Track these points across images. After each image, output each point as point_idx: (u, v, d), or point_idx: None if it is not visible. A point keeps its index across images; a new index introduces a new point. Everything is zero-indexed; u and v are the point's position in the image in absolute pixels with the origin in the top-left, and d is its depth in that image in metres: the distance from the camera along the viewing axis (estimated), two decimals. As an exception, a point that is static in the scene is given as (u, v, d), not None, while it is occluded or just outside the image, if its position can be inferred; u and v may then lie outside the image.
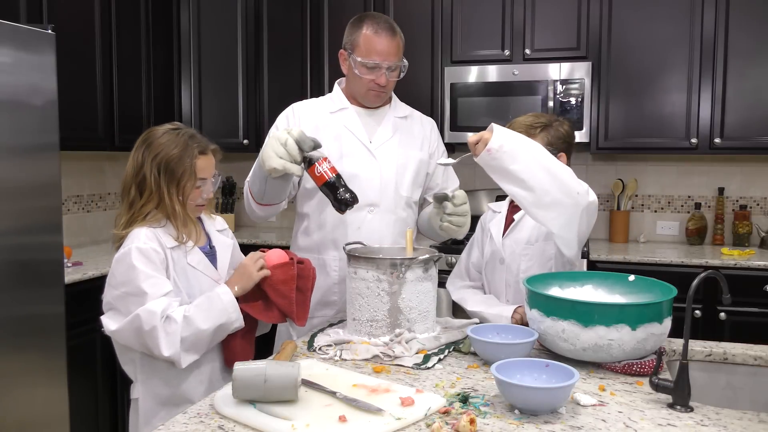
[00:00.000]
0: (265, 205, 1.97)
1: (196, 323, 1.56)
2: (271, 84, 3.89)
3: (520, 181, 1.63)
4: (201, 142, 1.70)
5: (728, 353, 1.64)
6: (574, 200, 1.66)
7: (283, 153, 1.71)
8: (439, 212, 1.90)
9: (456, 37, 3.57)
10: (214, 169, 1.73)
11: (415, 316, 1.65)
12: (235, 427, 1.19)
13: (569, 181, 1.66)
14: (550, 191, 1.63)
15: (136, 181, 1.66)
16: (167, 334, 1.53)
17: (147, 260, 1.58)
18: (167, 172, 1.64)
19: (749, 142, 3.21)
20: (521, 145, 1.63)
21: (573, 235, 1.76)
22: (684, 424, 1.19)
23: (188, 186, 1.66)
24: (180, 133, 1.69)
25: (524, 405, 1.22)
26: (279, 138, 1.72)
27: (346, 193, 1.73)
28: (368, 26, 1.97)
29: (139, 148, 1.68)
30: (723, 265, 2.99)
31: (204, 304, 1.59)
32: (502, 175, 1.65)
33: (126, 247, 1.60)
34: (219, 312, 1.59)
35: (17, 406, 2.25)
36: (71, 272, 2.67)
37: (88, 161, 3.45)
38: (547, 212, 1.68)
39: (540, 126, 1.90)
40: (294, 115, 2.08)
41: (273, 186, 1.87)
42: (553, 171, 1.63)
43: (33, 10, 2.79)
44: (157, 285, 1.56)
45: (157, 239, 1.62)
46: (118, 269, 1.60)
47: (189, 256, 1.67)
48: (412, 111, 2.19)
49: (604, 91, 3.38)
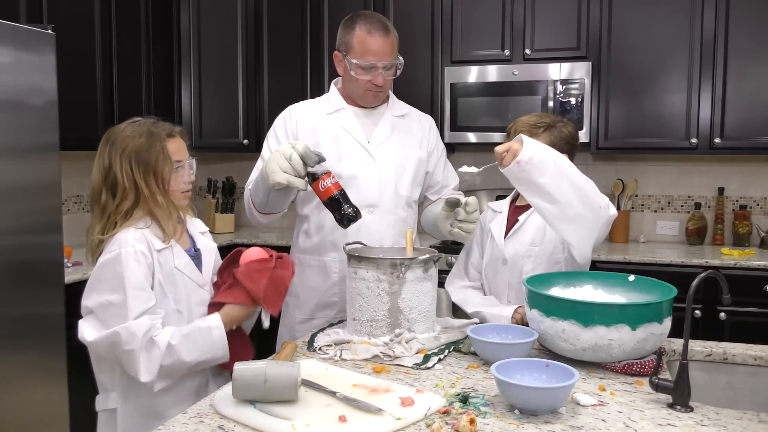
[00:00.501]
0: (268, 214, 1.97)
1: (179, 354, 1.50)
2: (271, 84, 3.89)
3: (546, 193, 1.62)
4: (165, 127, 1.64)
5: (728, 353, 1.64)
6: (596, 214, 1.67)
7: (288, 168, 1.70)
8: (449, 216, 1.87)
9: (456, 37, 3.57)
10: (186, 153, 1.67)
11: (415, 316, 1.65)
12: (235, 427, 1.18)
13: (592, 195, 1.66)
14: (574, 204, 1.63)
15: (107, 184, 1.59)
16: (148, 360, 1.47)
17: (136, 266, 1.51)
18: (140, 163, 1.57)
19: (749, 142, 3.21)
20: (550, 158, 1.61)
21: (590, 246, 1.78)
22: (684, 424, 1.19)
23: (166, 171, 1.59)
24: (141, 123, 1.63)
25: (524, 405, 1.22)
26: (283, 152, 1.71)
27: (349, 208, 1.73)
28: (361, 26, 1.96)
29: (103, 150, 1.61)
30: (723, 265, 2.99)
31: (193, 335, 1.53)
32: (529, 187, 1.64)
33: (114, 251, 1.52)
34: (207, 347, 1.53)
35: (17, 406, 2.25)
36: (71, 272, 2.66)
37: (88, 161, 3.42)
38: (570, 225, 1.69)
39: (543, 126, 1.89)
40: (291, 118, 2.07)
41: (276, 197, 1.87)
42: (578, 184, 1.63)
43: (33, 10, 2.79)
44: (141, 298, 1.50)
45: (146, 241, 1.55)
46: (104, 274, 1.52)
47: (176, 259, 1.61)
48: (411, 109, 2.18)
49: (604, 91, 3.37)
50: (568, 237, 1.74)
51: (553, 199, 1.62)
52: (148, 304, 1.51)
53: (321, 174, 1.72)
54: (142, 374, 1.48)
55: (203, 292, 1.66)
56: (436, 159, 2.17)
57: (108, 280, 1.51)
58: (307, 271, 2.09)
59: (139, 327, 1.47)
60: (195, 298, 1.63)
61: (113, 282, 1.50)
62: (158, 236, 1.60)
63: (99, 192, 1.60)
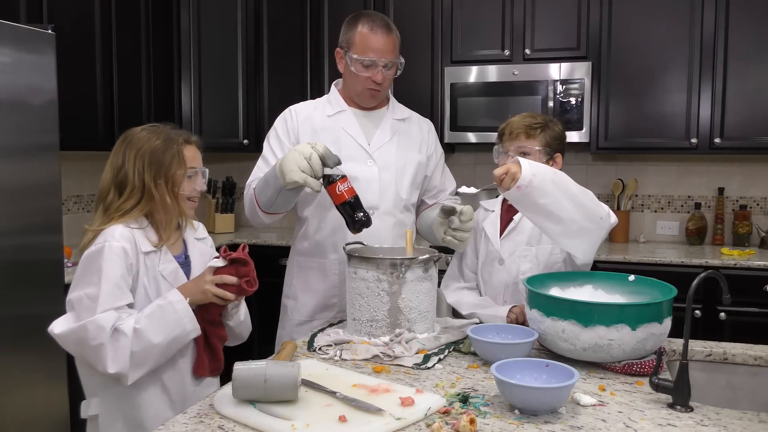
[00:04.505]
0: (272, 213, 1.96)
1: (147, 336, 1.45)
2: (271, 84, 3.89)
3: (548, 213, 1.62)
4: (183, 133, 1.65)
5: (728, 353, 1.64)
6: (598, 225, 1.68)
7: (306, 167, 1.70)
8: (443, 224, 1.87)
9: (456, 37, 3.57)
10: (200, 162, 1.67)
11: (415, 316, 1.65)
12: (235, 427, 1.19)
13: (593, 207, 1.67)
14: (576, 220, 1.64)
15: (116, 182, 1.58)
16: (116, 350, 1.43)
17: (117, 261, 1.49)
18: (153, 164, 1.57)
19: (749, 142, 3.21)
20: (549, 178, 1.61)
21: (594, 254, 1.79)
22: (684, 424, 1.19)
23: (179, 174, 1.59)
24: (159, 127, 1.64)
25: (524, 405, 1.22)
26: (303, 152, 1.71)
27: (362, 214, 1.74)
28: (364, 24, 1.97)
29: (118, 149, 1.61)
30: (723, 265, 2.99)
31: (156, 314, 1.48)
32: (529, 208, 1.64)
33: (99, 244, 1.50)
34: (173, 323, 1.49)
35: (17, 406, 2.25)
36: (71, 272, 2.65)
37: (88, 161, 3.45)
38: (574, 240, 1.70)
39: (539, 126, 1.90)
40: (292, 119, 2.07)
41: (285, 197, 1.86)
42: (579, 199, 1.64)
43: (33, 10, 2.79)
44: (113, 295, 1.47)
45: (132, 240, 1.53)
46: (85, 267, 1.51)
47: (161, 264, 1.58)
48: (411, 113, 2.18)
49: (604, 91, 3.37)
50: (573, 251, 1.76)
51: (556, 218, 1.63)
52: (120, 301, 1.48)
53: (337, 177, 1.72)
54: (110, 366, 1.43)
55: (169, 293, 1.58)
56: (435, 163, 2.18)
57: (87, 272, 1.50)
58: (307, 273, 2.09)
59: (106, 320, 1.44)
60: None
61: (92, 275, 1.49)
62: (150, 239, 1.58)
63: (107, 191, 1.60)
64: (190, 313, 1.52)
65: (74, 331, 1.47)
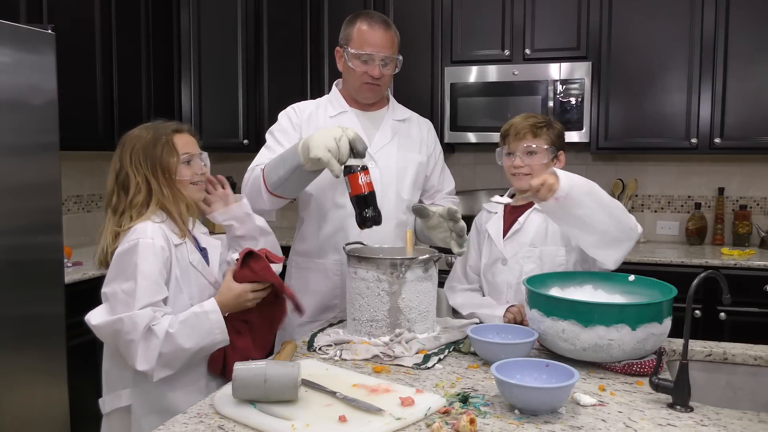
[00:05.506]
0: (276, 196, 1.92)
1: (178, 341, 1.51)
2: (271, 84, 3.89)
3: (584, 224, 1.63)
4: (171, 124, 1.69)
5: (728, 353, 1.64)
6: (628, 236, 1.69)
7: (334, 148, 1.67)
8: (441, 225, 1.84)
9: (456, 37, 3.57)
10: (197, 148, 1.70)
11: (415, 316, 1.65)
12: (235, 427, 1.19)
13: (624, 218, 1.67)
14: (610, 231, 1.65)
15: (119, 184, 1.63)
16: (146, 349, 1.49)
17: (153, 258, 1.53)
18: (147, 157, 1.61)
19: (749, 142, 3.21)
20: (584, 189, 1.61)
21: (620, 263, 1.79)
22: (684, 424, 1.19)
23: (172, 162, 1.62)
24: (150, 124, 1.69)
25: (524, 405, 1.22)
26: (333, 133, 1.69)
27: (374, 212, 1.73)
28: (362, 21, 1.99)
29: (116, 154, 1.66)
30: (723, 265, 2.99)
31: (190, 321, 1.54)
32: (566, 220, 1.65)
33: (132, 241, 1.54)
34: (204, 332, 1.55)
35: (17, 406, 2.25)
36: (71, 272, 2.66)
37: (88, 161, 3.45)
38: (608, 250, 1.70)
39: (544, 125, 1.90)
40: (297, 115, 2.07)
41: (299, 177, 1.83)
42: (611, 210, 1.64)
43: (33, 10, 2.79)
44: (150, 290, 1.52)
45: (164, 235, 1.58)
46: (120, 263, 1.55)
47: (191, 255, 1.65)
48: (411, 114, 2.18)
49: (604, 91, 3.37)
50: (605, 260, 1.74)
51: (591, 229, 1.64)
52: (156, 297, 1.53)
53: (360, 168, 1.70)
54: (138, 363, 1.49)
55: (213, 289, 1.67)
56: (434, 163, 2.18)
57: (123, 268, 1.54)
58: (307, 274, 2.09)
59: (142, 318, 1.49)
60: (207, 294, 1.65)
61: (127, 271, 1.53)
62: (174, 231, 1.63)
63: (112, 194, 1.65)
64: (222, 325, 1.57)
65: (110, 324, 1.51)
